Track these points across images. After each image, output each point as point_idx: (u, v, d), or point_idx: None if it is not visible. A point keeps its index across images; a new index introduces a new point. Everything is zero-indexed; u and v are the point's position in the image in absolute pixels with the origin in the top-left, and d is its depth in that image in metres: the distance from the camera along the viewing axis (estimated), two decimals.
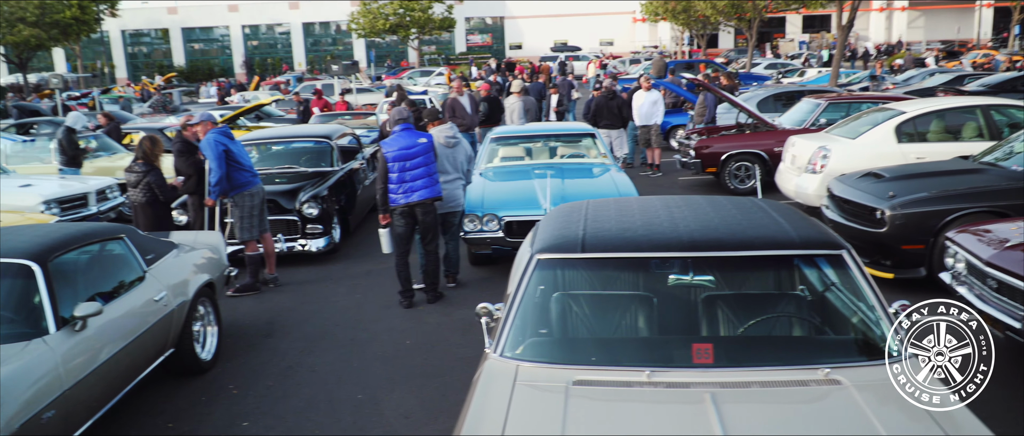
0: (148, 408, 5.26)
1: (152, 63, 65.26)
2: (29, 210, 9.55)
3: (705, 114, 14.43)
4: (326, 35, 68.23)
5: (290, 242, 8.89)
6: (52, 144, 13.53)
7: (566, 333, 3.77)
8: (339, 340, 6.48)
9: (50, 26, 44.19)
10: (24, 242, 4.73)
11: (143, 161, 7.77)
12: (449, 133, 7.73)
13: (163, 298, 5.38)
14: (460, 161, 7.79)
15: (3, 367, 3.91)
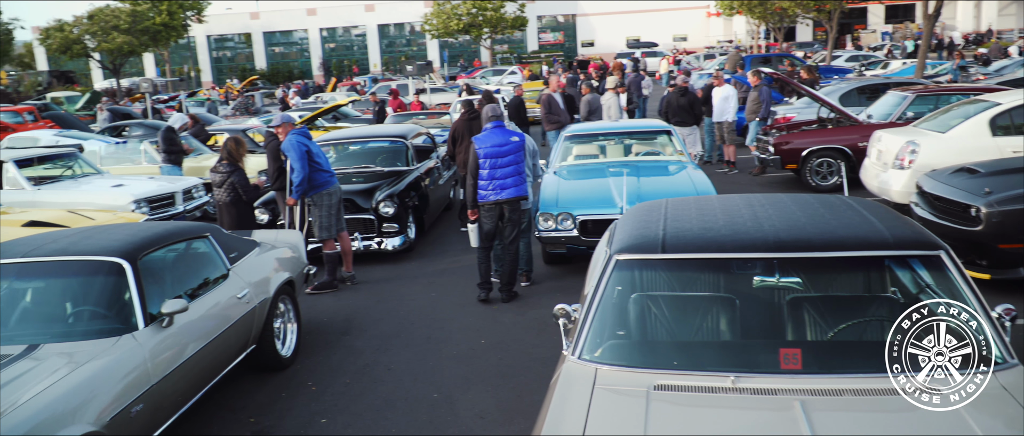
0: (230, 403, 5.38)
1: (235, 67, 67.33)
2: (120, 209, 9.94)
3: (759, 110, 13.69)
4: (400, 36, 69.20)
5: (367, 241, 9.01)
6: (142, 145, 14.07)
7: (646, 336, 3.68)
8: (414, 339, 6.51)
9: (141, 33, 46.16)
10: (115, 241, 4.89)
11: (227, 162, 7.99)
12: None
13: (246, 295, 5.50)
14: (526, 159, 7.79)
15: (95, 362, 4.05)
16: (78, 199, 10.30)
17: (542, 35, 67.43)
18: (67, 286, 4.74)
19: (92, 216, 9.00)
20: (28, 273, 4.76)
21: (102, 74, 54.50)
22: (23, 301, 4.77)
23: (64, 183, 11.15)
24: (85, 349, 4.15)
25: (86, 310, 4.65)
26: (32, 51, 62.99)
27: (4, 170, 10.80)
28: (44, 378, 3.83)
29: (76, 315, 4.64)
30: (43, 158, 11.84)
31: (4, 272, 4.76)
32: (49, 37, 46.34)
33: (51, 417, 3.61)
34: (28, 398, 3.65)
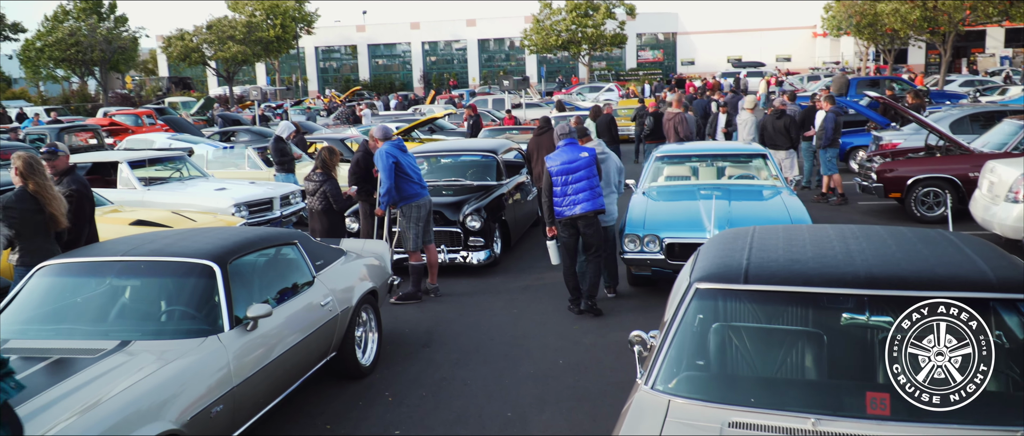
0: (309, 408, 5.48)
1: (340, 77, 69.49)
2: (221, 212, 10.35)
3: (824, 137, 12.81)
4: (500, 51, 69.97)
5: (452, 253, 9.08)
6: (247, 150, 14.64)
7: (724, 369, 3.54)
8: (492, 355, 6.50)
9: (255, 43, 48.27)
10: (208, 244, 5.07)
11: (321, 171, 8.20)
12: (598, 149, 7.85)
13: (329, 303, 5.60)
14: (611, 175, 7.92)
15: (180, 361, 4.19)
16: (183, 201, 10.79)
17: (641, 53, 66.93)
18: (161, 285, 4.93)
19: (194, 218, 9.41)
20: (127, 271, 4.98)
21: (217, 81, 57.19)
22: (121, 298, 4.99)
23: (172, 185, 11.70)
24: (173, 348, 4.30)
25: (177, 310, 4.83)
26: (155, 58, 66.71)
27: (119, 170, 11.42)
28: (132, 374, 3.98)
29: (168, 314, 4.83)
30: (154, 160, 12.47)
31: (105, 269, 5.01)
32: (171, 45, 48.97)
33: (136, 412, 3.75)
34: (116, 392, 3.80)
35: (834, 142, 12.71)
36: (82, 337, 4.51)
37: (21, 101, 50.85)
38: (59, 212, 6.09)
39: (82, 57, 46.35)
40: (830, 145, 12.67)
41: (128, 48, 50.02)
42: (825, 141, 12.65)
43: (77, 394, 3.75)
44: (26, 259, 5.93)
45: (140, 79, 60.15)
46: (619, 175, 8.06)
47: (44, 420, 3.49)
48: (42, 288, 4.94)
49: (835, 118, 12.69)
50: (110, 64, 48.88)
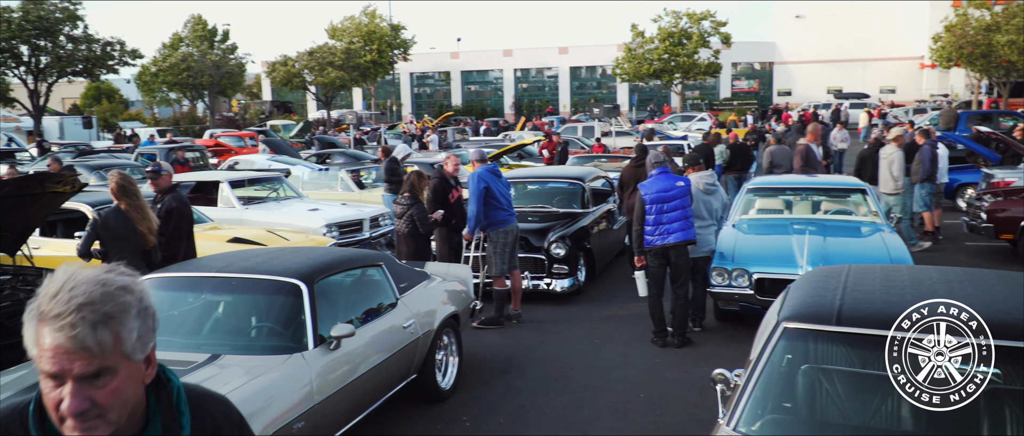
0: (388, 429, 5.52)
1: (434, 103, 70.91)
2: (313, 232, 10.64)
3: (920, 171, 11.97)
4: (591, 79, 70.07)
5: (536, 280, 9.05)
6: (340, 173, 15.04)
7: (812, 414, 3.37)
8: (573, 384, 6.41)
9: (353, 69, 49.86)
10: (296, 263, 5.19)
11: (409, 194, 8.33)
12: (708, 179, 7.80)
13: (411, 325, 5.65)
14: (715, 208, 7.88)
15: (266, 376, 4.28)
16: (278, 220, 11.15)
17: (736, 82, 65.82)
18: (251, 302, 5.08)
19: (287, 237, 9.70)
20: (220, 287, 5.15)
21: (316, 105, 59.23)
22: (214, 312, 5.16)
23: (268, 204, 12.12)
24: (260, 363, 4.41)
25: (265, 326, 4.96)
26: (260, 82, 69.68)
27: (220, 189, 11.90)
28: (221, 386, 4.08)
29: (256, 330, 4.96)
30: (253, 180, 12.96)
31: (200, 285, 5.20)
32: (274, 71, 51.11)
33: None
34: None
35: (932, 177, 12.09)
36: (176, 349, 4.66)
37: (136, 122, 53.89)
38: (148, 231, 6.38)
39: (193, 81, 48.84)
40: (928, 180, 12.06)
41: (235, 73, 52.48)
42: (923, 175, 12.04)
43: None
44: None
45: (245, 102, 62.88)
46: (724, 209, 8.03)
47: None
48: None
49: (932, 152, 12.06)
50: (218, 88, 51.34)
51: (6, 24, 32.61)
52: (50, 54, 34.75)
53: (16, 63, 34.64)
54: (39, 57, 34.71)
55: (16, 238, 7.43)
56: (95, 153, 26.29)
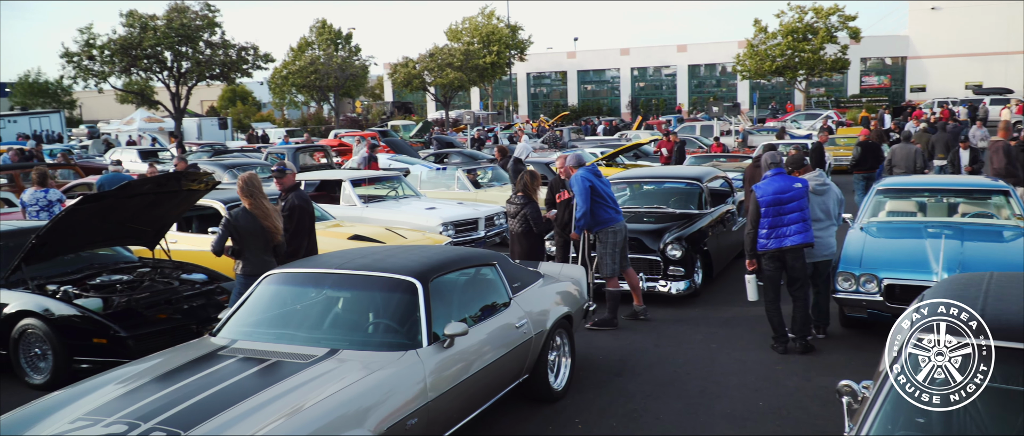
0: (499, 429, 5.54)
1: (549, 102, 71.11)
2: (429, 230, 10.85)
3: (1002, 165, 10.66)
4: (710, 77, 68.48)
5: (651, 282, 8.89)
6: (457, 172, 15.28)
7: (949, 431, 3.14)
8: (688, 389, 6.25)
9: (471, 70, 50.70)
10: (412, 261, 5.29)
11: (523, 194, 8.36)
12: (818, 179, 7.45)
13: (524, 325, 5.65)
14: (831, 207, 7.51)
15: (382, 372, 4.38)
16: (396, 218, 11.44)
17: (865, 78, 62.74)
18: (368, 298, 5.21)
19: (405, 235, 9.93)
20: (339, 283, 5.31)
21: (434, 106, 60.55)
22: (333, 308, 5.33)
23: (387, 202, 12.45)
24: (375, 359, 4.51)
25: (381, 323, 5.08)
26: (382, 84, 71.95)
27: (342, 188, 12.32)
28: (338, 381, 4.22)
29: (373, 326, 5.09)
30: (373, 179, 13.34)
31: (321, 281, 5.37)
32: (396, 72, 52.61)
33: (340, 417, 3.95)
34: (324, 397, 4.04)
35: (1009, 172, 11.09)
36: (297, 343, 4.84)
37: (267, 123, 56.67)
38: (274, 227, 6.68)
39: (319, 83, 50.90)
40: None
41: (359, 75, 54.37)
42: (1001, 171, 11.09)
43: (288, 397, 4.02)
44: (247, 269, 6.58)
45: (368, 103, 65.03)
46: (839, 207, 7.63)
47: (256, 420, 3.77)
48: (267, 295, 5.38)
49: (1007, 148, 11.08)
50: (343, 90, 53.29)
51: (152, 32, 34.93)
52: (190, 59, 37.00)
53: (160, 68, 37.07)
54: (181, 62, 37.01)
55: (155, 233, 7.93)
56: (229, 153, 27.80)
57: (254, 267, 6.46)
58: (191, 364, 4.58)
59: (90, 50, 34.48)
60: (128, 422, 3.80)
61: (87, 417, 3.92)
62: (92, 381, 4.50)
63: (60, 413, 4.03)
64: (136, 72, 36.49)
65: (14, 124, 43.18)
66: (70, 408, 4.07)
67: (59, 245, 7.16)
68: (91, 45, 34.51)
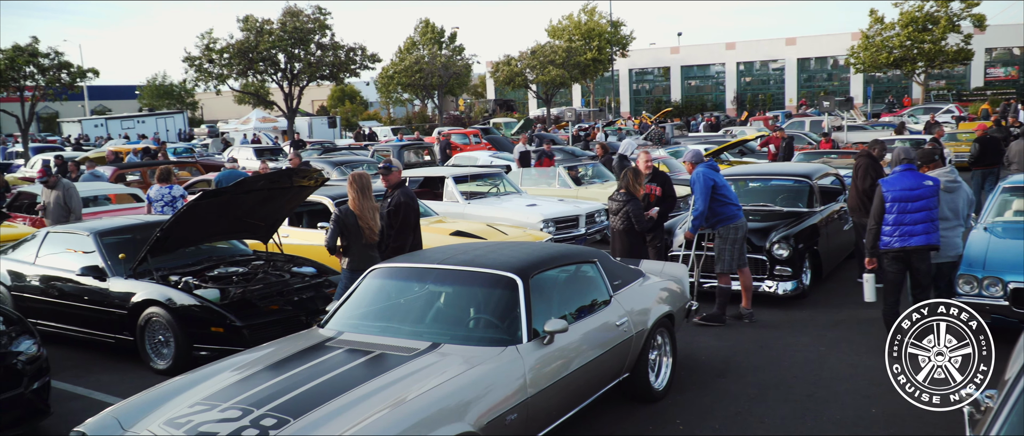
0: (599, 428, 5.51)
1: (652, 98, 70.17)
2: (530, 227, 10.90)
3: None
4: (821, 70, 65.99)
5: (756, 281, 8.64)
6: (558, 169, 15.27)
7: None
8: (795, 393, 6.05)
9: (572, 67, 50.60)
10: (513, 257, 5.32)
11: (625, 191, 8.28)
12: (948, 176, 7.05)
13: (624, 324, 5.59)
14: (960, 206, 7.19)
15: (482, 367, 4.42)
16: (497, 214, 11.53)
17: (990, 70, 59.02)
18: (470, 294, 5.27)
19: (506, 231, 10.01)
20: (442, 278, 5.39)
21: (536, 103, 60.74)
22: (435, 302, 5.42)
23: (488, 199, 12.57)
24: (476, 354, 4.57)
25: (482, 318, 5.13)
26: (484, 82, 72.71)
27: (445, 185, 12.52)
28: (439, 375, 4.29)
29: (474, 321, 5.14)
30: (475, 176, 13.50)
31: (424, 275, 5.48)
32: (498, 70, 53.04)
33: (441, 410, 4.02)
34: (426, 390, 4.12)
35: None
36: (400, 336, 4.95)
37: (374, 121, 58.24)
38: (369, 227, 6.87)
39: (424, 82, 51.89)
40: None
41: (462, 74, 55.13)
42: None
43: (391, 388, 4.12)
44: (353, 264, 6.79)
45: (470, 101, 65.86)
46: (969, 207, 7.31)
47: (361, 410, 3.88)
48: (372, 289, 5.52)
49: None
50: (446, 88, 54.17)
51: (267, 35, 36.45)
52: (302, 61, 38.39)
53: (275, 70, 38.62)
54: (293, 64, 38.45)
55: (269, 227, 8.28)
56: (338, 150, 28.72)
57: (359, 262, 6.65)
58: (300, 354, 4.75)
59: (210, 54, 36.27)
60: (242, 408, 3.98)
61: (205, 402, 4.12)
62: (209, 368, 4.73)
63: (180, 397, 4.26)
64: (252, 74, 38.13)
65: (142, 124, 45.94)
66: (189, 393, 4.30)
67: (181, 238, 7.57)
68: (211, 49, 36.29)
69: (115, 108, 68.41)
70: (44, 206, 10.77)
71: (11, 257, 8.40)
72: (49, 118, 63.29)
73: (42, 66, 31.39)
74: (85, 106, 67.41)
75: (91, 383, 6.93)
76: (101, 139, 44.23)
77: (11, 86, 31.73)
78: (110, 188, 14.09)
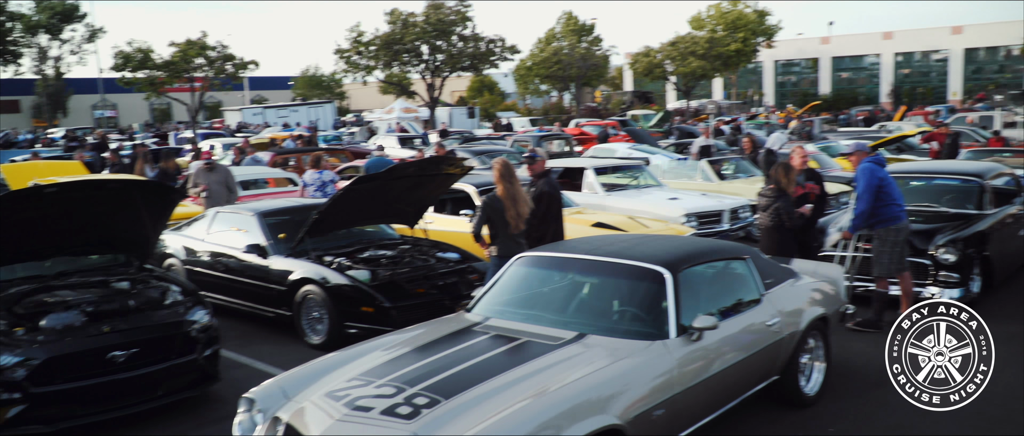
0: (746, 429, 5.33)
1: (798, 91, 67.32)
2: (672, 220, 10.69)
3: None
4: (991, 61, 61.16)
5: (918, 287, 8.10)
6: (700, 163, 14.90)
7: None
8: (963, 411, 5.57)
9: (715, 58, 49.27)
10: (661, 251, 5.22)
11: (775, 187, 7.96)
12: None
13: (775, 324, 5.38)
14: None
15: (629, 360, 4.37)
16: (638, 207, 11.37)
17: None
18: (616, 286, 5.22)
19: (648, 224, 9.87)
20: (588, 269, 5.36)
21: (675, 95, 59.62)
22: (580, 293, 5.40)
23: (629, 191, 12.43)
24: (622, 347, 4.52)
25: (628, 310, 5.06)
26: (621, 73, 72.01)
27: (585, 176, 12.47)
28: (586, 365, 4.27)
29: (619, 314, 5.09)
30: (616, 168, 13.38)
31: (570, 265, 5.47)
32: (636, 62, 52.41)
33: (586, 402, 4.00)
34: (571, 380, 4.11)
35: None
36: (545, 324, 4.95)
37: (511, 112, 58.91)
38: (515, 216, 6.86)
39: (562, 74, 52.00)
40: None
41: (600, 65, 54.80)
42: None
43: (537, 377, 4.14)
44: (500, 251, 6.85)
45: (607, 93, 65.41)
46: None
47: (506, 397, 3.92)
48: (518, 276, 5.57)
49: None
50: (584, 80, 54.02)
51: (412, 28, 37.62)
52: (444, 52, 39.37)
53: (418, 61, 39.83)
54: (436, 55, 39.50)
55: (416, 213, 8.52)
56: (477, 140, 29.24)
57: (506, 249, 6.72)
58: (449, 337, 4.85)
59: (358, 46, 37.80)
60: (395, 385, 4.11)
61: (361, 377, 4.29)
62: (364, 345, 4.92)
63: (338, 372, 4.46)
64: (397, 65, 39.46)
65: (295, 113, 48.51)
66: (346, 368, 4.49)
67: (336, 221, 7.91)
68: (359, 42, 37.81)
69: (271, 98, 72.58)
70: (205, 188, 11.34)
71: (184, 234, 9.07)
72: (213, 107, 67.85)
73: (210, 58, 33.72)
74: (245, 96, 71.87)
75: (252, 353, 7.38)
76: (259, 126, 47.04)
77: (183, 77, 34.27)
78: (268, 172, 14.95)
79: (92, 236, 6.47)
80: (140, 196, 6.17)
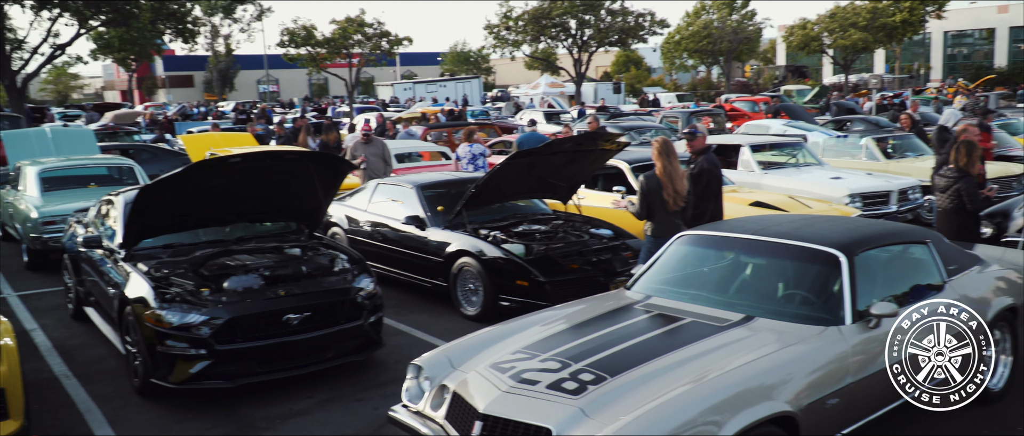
0: (922, 424, 5.00)
1: (970, 64, 62.20)
2: (835, 201, 10.17)
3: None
4: None
5: None
6: (863, 141, 14.06)
7: None
8: None
9: (878, 29, 46.27)
10: (835, 233, 4.96)
11: (955, 167, 7.41)
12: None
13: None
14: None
15: (800, 345, 4.19)
16: (797, 186, 10.88)
17: None
18: (784, 268, 5.01)
19: (809, 204, 9.43)
20: (752, 250, 5.18)
21: (832, 69, 56.53)
22: (743, 274, 5.23)
23: (787, 170, 11.91)
24: (792, 331, 4.34)
25: (798, 294, 4.85)
26: (774, 47, 69.03)
27: (740, 153, 12.06)
28: (754, 349, 4.13)
29: (787, 297, 4.88)
30: (772, 145, 12.86)
31: (734, 245, 5.30)
32: (792, 34, 50.03)
33: (754, 387, 3.87)
34: (738, 364, 3.99)
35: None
36: (708, 305, 4.83)
37: (658, 88, 57.83)
38: (672, 195, 6.65)
39: (711, 48, 50.44)
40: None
41: (752, 38, 52.73)
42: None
43: (702, 359, 4.04)
44: (657, 230, 6.71)
45: (758, 67, 62.89)
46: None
47: (674, 377, 3.85)
48: (679, 255, 5.45)
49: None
50: (734, 54, 52.17)
51: (561, 2, 37.55)
52: (593, 26, 39.06)
53: (565, 36, 39.74)
54: (584, 30, 39.27)
55: (569, 188, 8.52)
56: (624, 116, 28.90)
57: (664, 228, 6.60)
58: (609, 314, 4.83)
59: (507, 21, 38.15)
60: (560, 361, 4.13)
61: (525, 351, 4.34)
62: (524, 319, 4.97)
63: (502, 343, 4.53)
64: (544, 40, 39.54)
65: (443, 88, 49.69)
66: (510, 340, 4.55)
67: (491, 195, 8.04)
68: (508, 17, 38.14)
69: (420, 73, 74.70)
70: (363, 159, 11.70)
71: (347, 204, 9.50)
72: (366, 82, 70.61)
73: (367, 34, 35.06)
74: (396, 71, 74.33)
75: (411, 321, 7.65)
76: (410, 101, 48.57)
77: (342, 53, 35.84)
78: (422, 146, 15.39)
79: (269, 204, 6.88)
80: (314, 168, 6.48)
